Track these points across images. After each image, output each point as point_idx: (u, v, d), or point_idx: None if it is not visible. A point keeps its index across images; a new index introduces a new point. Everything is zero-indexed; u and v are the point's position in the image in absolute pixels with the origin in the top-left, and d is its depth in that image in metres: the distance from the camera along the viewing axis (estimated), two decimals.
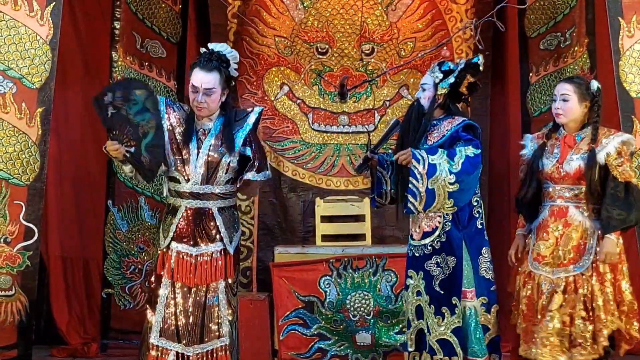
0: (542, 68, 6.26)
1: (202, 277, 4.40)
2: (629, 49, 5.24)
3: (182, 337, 4.40)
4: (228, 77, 4.45)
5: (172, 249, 4.44)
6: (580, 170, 4.66)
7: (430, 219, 4.56)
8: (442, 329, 4.51)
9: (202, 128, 4.47)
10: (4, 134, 5.19)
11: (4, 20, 5.20)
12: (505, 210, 6.46)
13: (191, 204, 4.44)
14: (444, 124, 4.62)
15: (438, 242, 4.55)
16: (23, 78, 5.20)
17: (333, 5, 6.51)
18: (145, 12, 6.34)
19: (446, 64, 4.67)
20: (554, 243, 4.72)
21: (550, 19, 6.23)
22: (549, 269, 4.72)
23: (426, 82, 4.67)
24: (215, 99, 4.39)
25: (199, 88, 4.35)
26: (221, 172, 4.43)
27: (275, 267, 5.71)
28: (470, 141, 4.53)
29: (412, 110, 4.70)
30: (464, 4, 6.48)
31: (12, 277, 5.22)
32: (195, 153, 4.41)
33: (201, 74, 4.36)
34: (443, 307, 4.52)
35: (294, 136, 6.60)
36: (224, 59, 4.45)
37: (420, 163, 4.39)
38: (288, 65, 6.58)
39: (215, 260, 4.43)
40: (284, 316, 5.55)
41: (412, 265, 4.65)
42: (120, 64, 6.26)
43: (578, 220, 4.70)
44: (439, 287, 4.53)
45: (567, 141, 4.74)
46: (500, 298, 6.07)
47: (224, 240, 4.46)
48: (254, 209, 6.60)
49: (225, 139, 4.41)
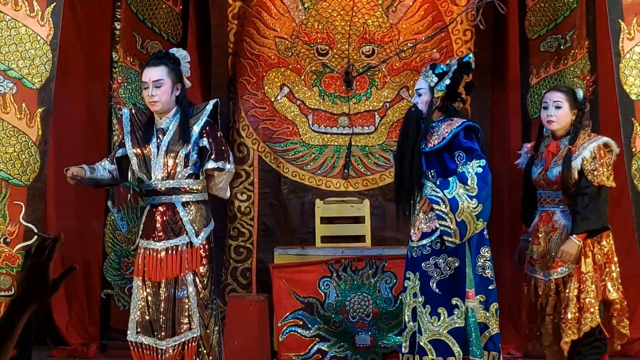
0: (543, 70, 6.26)
1: (169, 270, 4.51)
2: (629, 51, 5.24)
3: (155, 331, 4.53)
4: (178, 73, 4.61)
5: (140, 246, 4.63)
6: (559, 176, 4.84)
7: (430, 219, 4.53)
8: (437, 329, 4.47)
9: (161, 127, 4.63)
10: (4, 134, 5.18)
11: (5, 21, 5.20)
12: (505, 212, 6.47)
13: (155, 201, 4.60)
14: (442, 127, 4.60)
15: (437, 243, 4.52)
16: (23, 78, 5.20)
17: (333, 6, 6.51)
18: (145, 13, 6.34)
19: (439, 67, 4.64)
20: (543, 247, 4.94)
21: (551, 21, 6.23)
22: (541, 271, 4.95)
23: (421, 87, 4.66)
24: (166, 91, 4.55)
25: (148, 83, 4.54)
26: (180, 166, 4.55)
27: (275, 268, 5.71)
28: (472, 151, 4.49)
29: (411, 116, 4.68)
30: (464, 5, 6.48)
31: (12, 278, 5.22)
32: (155, 151, 4.58)
33: (148, 69, 4.58)
34: (440, 308, 4.49)
35: (294, 137, 6.60)
36: (171, 56, 4.66)
37: (441, 204, 4.36)
38: (288, 66, 6.58)
39: (182, 253, 4.52)
40: (283, 317, 5.55)
41: (410, 267, 4.66)
42: (120, 64, 6.27)
43: (562, 224, 4.89)
44: (436, 287, 4.50)
45: (551, 149, 4.99)
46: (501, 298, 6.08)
47: (188, 234, 4.55)
48: (253, 210, 6.61)
49: (181, 132, 4.56)
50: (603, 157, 4.79)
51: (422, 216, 4.56)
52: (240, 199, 6.59)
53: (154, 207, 4.61)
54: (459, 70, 4.64)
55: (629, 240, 5.45)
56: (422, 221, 4.58)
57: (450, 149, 4.54)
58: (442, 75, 4.60)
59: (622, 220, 5.80)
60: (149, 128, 4.64)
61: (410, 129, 4.62)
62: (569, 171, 4.77)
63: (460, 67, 4.64)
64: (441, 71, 4.61)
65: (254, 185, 6.62)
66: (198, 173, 4.63)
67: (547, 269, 4.89)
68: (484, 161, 4.48)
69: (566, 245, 4.74)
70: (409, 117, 4.70)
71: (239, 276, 6.59)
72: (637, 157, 5.20)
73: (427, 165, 4.59)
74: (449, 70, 4.61)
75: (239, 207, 6.59)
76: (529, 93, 6.35)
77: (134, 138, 4.66)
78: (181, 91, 4.64)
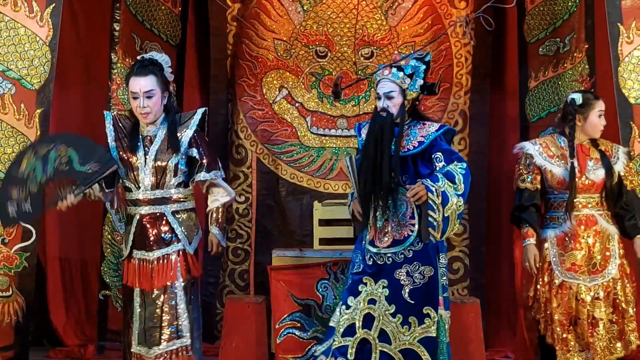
0: (541, 74, 6.26)
1: (160, 279, 4.48)
2: (628, 55, 5.25)
3: (144, 340, 4.49)
4: (165, 80, 4.55)
5: (134, 257, 4.57)
6: (604, 180, 4.92)
7: (402, 226, 4.42)
8: (408, 338, 4.32)
9: (147, 135, 4.55)
10: (3, 134, 5.19)
11: (4, 21, 5.21)
12: (504, 214, 6.46)
13: (145, 211, 4.55)
14: (416, 130, 4.48)
15: (410, 251, 4.39)
16: (22, 79, 5.20)
17: (332, 8, 6.51)
18: (144, 14, 6.34)
19: (407, 67, 4.48)
20: (587, 251, 4.90)
21: (550, 25, 6.23)
22: (586, 277, 4.90)
23: (392, 90, 4.45)
24: (157, 101, 4.47)
25: (138, 93, 4.44)
26: (169, 175, 4.52)
27: (273, 270, 5.70)
28: (451, 154, 4.43)
29: (384, 121, 4.43)
30: (463, 8, 6.49)
31: (10, 278, 5.22)
32: (143, 160, 4.50)
33: (138, 80, 4.45)
34: (411, 317, 4.33)
35: (292, 139, 6.60)
36: (157, 62, 4.56)
37: (435, 194, 4.24)
38: (287, 68, 6.59)
39: (173, 261, 4.49)
40: (280, 319, 5.54)
41: (371, 273, 4.44)
42: (119, 65, 6.26)
43: (605, 227, 4.94)
44: (408, 296, 4.35)
45: (584, 150, 4.98)
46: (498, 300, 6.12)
47: (182, 242, 4.54)
48: (251, 212, 6.61)
49: (170, 142, 4.50)
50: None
51: (393, 222, 4.43)
52: (238, 201, 6.59)
53: (143, 217, 4.54)
54: (426, 70, 4.49)
55: (627, 242, 5.45)
56: (393, 227, 4.45)
57: (424, 153, 4.44)
58: (411, 77, 4.47)
59: None
60: (135, 135, 4.55)
61: (385, 134, 4.39)
62: (613, 175, 4.93)
63: (426, 66, 4.51)
64: (410, 72, 4.46)
65: (252, 187, 6.63)
66: (187, 182, 4.61)
67: (592, 273, 4.90)
68: (464, 164, 4.40)
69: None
70: (382, 121, 4.43)
71: (236, 278, 6.59)
72: (636, 160, 5.21)
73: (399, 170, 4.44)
74: (418, 70, 4.46)
75: (237, 208, 6.60)
76: (527, 96, 6.35)
77: (120, 146, 4.56)
78: (168, 99, 4.59)
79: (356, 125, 4.83)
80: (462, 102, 6.53)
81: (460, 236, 6.50)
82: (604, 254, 4.90)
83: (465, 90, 6.53)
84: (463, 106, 6.54)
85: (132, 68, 4.58)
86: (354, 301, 4.44)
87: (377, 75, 4.56)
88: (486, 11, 5.42)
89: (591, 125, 4.94)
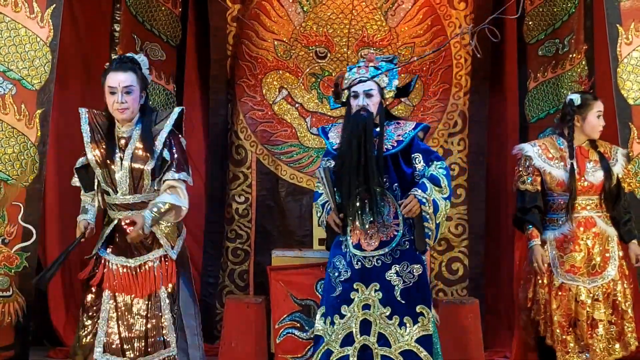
0: (541, 74, 6.27)
1: (143, 287, 4.35)
2: (627, 56, 5.25)
3: (126, 350, 4.33)
4: (144, 79, 4.42)
5: (111, 262, 4.41)
6: (603, 182, 4.92)
7: (387, 227, 4.37)
8: (407, 339, 4.26)
9: (122, 136, 4.39)
10: (3, 135, 5.20)
11: (4, 22, 5.22)
12: (503, 215, 6.48)
13: (124, 215, 4.39)
14: (391, 129, 4.44)
15: (397, 251, 4.34)
16: (23, 79, 5.21)
17: (332, 9, 6.52)
18: (145, 15, 6.35)
19: (384, 66, 4.46)
20: (586, 253, 4.92)
21: (549, 26, 6.24)
22: (585, 278, 4.92)
23: (372, 88, 4.39)
24: (136, 98, 4.34)
25: (117, 88, 4.29)
26: (147, 180, 4.36)
27: (273, 270, 5.71)
28: (429, 153, 4.40)
29: (366, 120, 4.34)
30: (463, 9, 6.50)
31: (10, 278, 5.23)
32: (119, 163, 4.35)
33: (116, 74, 4.31)
34: (406, 317, 4.28)
35: (292, 140, 6.61)
36: (136, 61, 4.44)
37: (427, 205, 4.22)
38: (287, 69, 6.60)
39: (156, 268, 4.38)
40: (280, 319, 5.55)
41: (361, 278, 4.36)
42: None
43: (603, 229, 4.95)
44: (400, 297, 4.29)
45: (583, 153, 4.99)
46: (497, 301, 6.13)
47: (164, 247, 4.41)
48: (251, 212, 6.62)
49: (145, 145, 4.34)
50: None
51: (378, 224, 4.35)
52: (238, 201, 6.60)
53: (122, 221, 4.39)
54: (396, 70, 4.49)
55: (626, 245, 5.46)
56: (379, 229, 4.36)
57: (405, 152, 4.39)
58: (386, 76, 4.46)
59: None
60: (111, 136, 4.38)
61: (368, 133, 4.30)
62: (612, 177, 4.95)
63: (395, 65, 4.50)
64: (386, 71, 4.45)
65: (252, 187, 6.64)
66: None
67: (592, 275, 4.92)
68: (444, 163, 4.38)
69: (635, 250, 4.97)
70: (364, 120, 4.33)
71: (236, 278, 6.60)
72: (635, 161, 5.22)
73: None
74: (392, 69, 4.45)
75: (237, 209, 6.60)
76: (526, 97, 6.36)
77: (96, 147, 4.40)
78: (145, 99, 4.45)
79: (320, 128, 4.73)
80: (461, 103, 6.54)
81: (459, 237, 6.51)
82: (603, 256, 4.91)
83: (465, 91, 6.54)
84: (462, 107, 6.55)
85: (110, 64, 4.43)
86: (347, 309, 4.37)
87: (352, 74, 4.49)
88: (485, 15, 5.43)
89: (590, 125, 4.94)
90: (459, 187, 6.52)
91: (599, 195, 4.94)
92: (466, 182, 6.53)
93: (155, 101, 6.42)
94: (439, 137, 6.54)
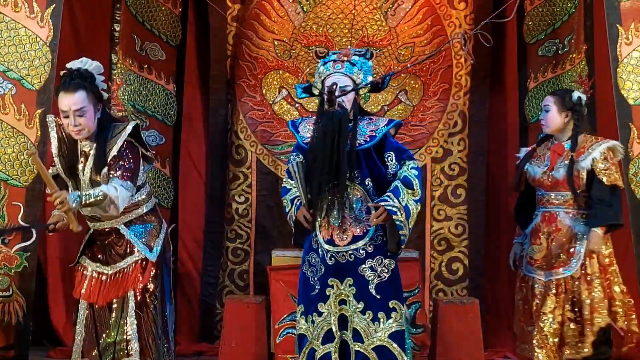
0: (541, 74, 6.27)
1: (116, 291, 4.24)
2: (627, 56, 5.25)
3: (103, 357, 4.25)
4: (97, 93, 4.19)
5: (88, 269, 4.34)
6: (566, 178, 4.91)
7: (360, 221, 4.31)
8: (380, 335, 4.23)
9: (83, 150, 4.24)
10: (3, 135, 5.20)
11: (4, 22, 5.22)
12: (502, 214, 6.48)
13: (96, 226, 4.33)
14: (364, 125, 4.39)
15: (371, 246, 4.28)
16: (23, 79, 5.21)
17: (332, 9, 6.52)
18: (145, 15, 6.35)
19: (358, 62, 4.41)
20: (545, 247, 4.95)
21: (549, 26, 6.25)
22: (542, 272, 4.97)
23: (347, 84, 4.33)
24: (90, 117, 4.13)
25: (68, 112, 4.09)
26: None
27: (272, 270, 5.71)
28: (401, 152, 4.34)
29: (342, 116, 4.28)
30: (463, 9, 6.50)
31: (10, 278, 5.23)
32: (82, 176, 4.23)
33: (67, 97, 4.09)
34: (380, 313, 4.24)
35: (292, 140, 6.59)
36: (86, 74, 4.17)
37: (399, 213, 4.16)
38: (287, 69, 6.60)
39: (129, 274, 4.25)
40: (280, 319, 5.55)
41: (334, 274, 4.31)
42: (119, 66, 6.28)
43: (567, 225, 4.95)
44: (375, 291, 4.25)
45: (557, 149, 5.01)
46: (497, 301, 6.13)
47: (141, 251, 4.27)
48: (251, 212, 6.62)
49: (96, 164, 4.17)
50: (614, 158, 4.93)
51: (350, 218, 4.32)
52: (238, 201, 6.60)
53: (96, 232, 4.32)
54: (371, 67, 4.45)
55: (625, 246, 5.47)
56: (351, 224, 4.32)
57: (378, 148, 4.35)
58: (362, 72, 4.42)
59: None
60: (75, 150, 4.24)
61: (343, 129, 4.25)
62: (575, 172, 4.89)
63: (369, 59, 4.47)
64: (361, 67, 4.40)
65: (252, 187, 6.64)
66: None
67: (549, 269, 4.93)
68: (415, 163, 4.32)
69: (592, 239, 4.83)
70: (339, 116, 4.28)
71: (236, 278, 6.60)
72: (635, 161, 5.21)
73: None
74: (365, 66, 4.40)
75: (237, 209, 6.61)
76: (526, 97, 6.37)
77: (62, 159, 4.27)
78: (102, 111, 4.23)
79: (290, 122, 4.67)
80: (461, 103, 6.54)
81: (459, 237, 6.52)
82: (566, 252, 4.90)
83: (465, 91, 6.54)
84: (462, 107, 6.55)
85: (60, 82, 4.17)
86: (324, 306, 4.34)
87: (326, 68, 4.44)
88: (485, 14, 5.43)
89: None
90: (459, 187, 6.53)
91: (571, 192, 4.94)
92: (466, 182, 6.53)
93: (155, 101, 6.43)
94: (439, 137, 6.54)
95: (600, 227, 4.82)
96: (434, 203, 6.55)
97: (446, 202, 6.53)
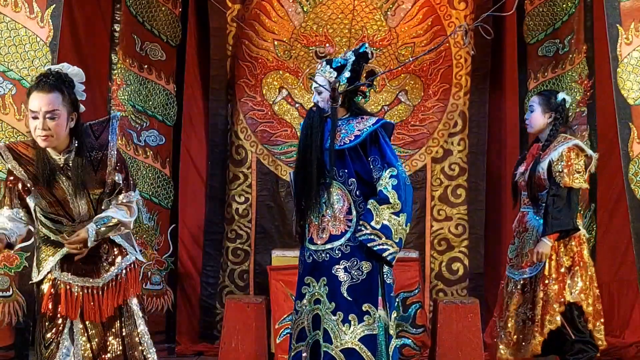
0: (541, 74, 6.28)
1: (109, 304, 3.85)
2: (627, 56, 5.26)
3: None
4: (73, 100, 3.72)
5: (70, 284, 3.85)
6: (526, 179, 4.97)
7: (339, 221, 4.25)
8: (349, 337, 4.13)
9: (60, 164, 3.75)
10: (3, 135, 5.20)
11: (4, 22, 5.22)
12: (502, 214, 6.48)
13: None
14: (353, 124, 4.32)
15: (348, 247, 4.20)
16: (22, 80, 5.21)
17: (332, 9, 6.52)
18: (145, 15, 6.35)
19: (335, 61, 4.37)
20: (517, 247, 5.05)
21: (549, 26, 6.25)
22: (514, 270, 5.05)
23: (321, 84, 4.30)
24: (61, 123, 3.64)
25: (38, 113, 3.60)
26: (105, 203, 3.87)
27: (272, 270, 5.72)
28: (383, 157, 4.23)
29: (313, 115, 4.31)
30: (463, 9, 6.50)
31: (10, 278, 5.24)
32: (71, 192, 3.77)
33: (39, 96, 3.61)
34: (351, 315, 4.15)
35: (292, 140, 6.60)
36: (65, 78, 3.73)
37: (377, 239, 4.11)
38: (287, 69, 6.60)
39: (124, 279, 3.90)
40: (280, 319, 5.56)
41: (310, 272, 4.28)
42: (119, 66, 6.28)
43: (533, 226, 4.98)
44: (347, 293, 4.16)
45: (533, 150, 5.03)
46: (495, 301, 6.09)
47: (130, 253, 3.96)
48: (251, 212, 6.62)
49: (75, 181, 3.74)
50: (572, 159, 4.83)
51: (329, 217, 4.26)
52: (238, 201, 6.60)
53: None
54: (357, 61, 4.36)
55: (625, 245, 5.47)
56: (330, 223, 4.26)
57: (365, 147, 4.26)
58: (340, 69, 4.33)
59: (619, 225, 5.82)
60: (46, 165, 3.71)
61: (314, 128, 4.25)
62: (536, 173, 4.89)
63: (358, 58, 4.37)
64: (339, 65, 4.34)
65: (252, 187, 6.64)
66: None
67: (519, 268, 4.99)
68: (395, 170, 4.18)
69: (539, 246, 4.81)
70: (310, 116, 4.33)
71: (236, 278, 6.60)
72: (634, 161, 5.22)
73: (335, 164, 4.25)
74: (347, 62, 4.34)
75: (237, 209, 6.60)
76: (526, 97, 6.37)
77: (30, 178, 3.73)
78: (77, 122, 3.74)
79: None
80: (461, 103, 6.54)
81: (459, 237, 6.52)
82: (530, 252, 4.91)
83: (465, 91, 6.54)
84: (462, 107, 6.55)
85: (35, 81, 3.72)
86: (301, 304, 4.31)
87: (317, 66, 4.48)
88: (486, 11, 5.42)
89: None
90: (459, 187, 6.53)
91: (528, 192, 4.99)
92: (466, 182, 6.53)
93: (155, 101, 6.43)
94: (439, 137, 6.54)
95: (549, 236, 4.79)
96: (434, 203, 6.55)
97: (446, 202, 6.53)
